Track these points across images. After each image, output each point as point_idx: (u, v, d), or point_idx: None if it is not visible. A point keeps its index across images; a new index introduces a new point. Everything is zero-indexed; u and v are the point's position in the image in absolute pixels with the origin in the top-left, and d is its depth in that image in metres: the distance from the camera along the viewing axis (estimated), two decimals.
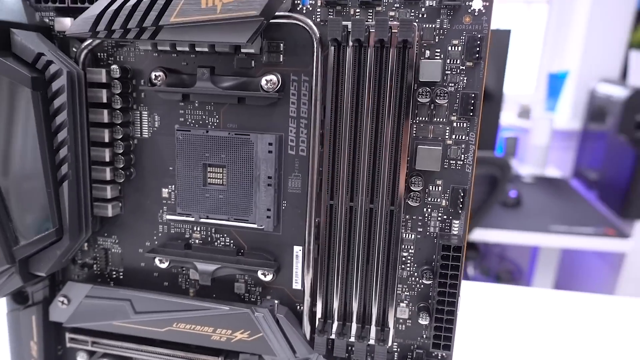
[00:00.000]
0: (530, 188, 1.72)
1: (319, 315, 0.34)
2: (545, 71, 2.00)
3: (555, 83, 1.95)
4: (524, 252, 1.93)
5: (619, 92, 1.59)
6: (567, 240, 1.43)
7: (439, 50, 0.30)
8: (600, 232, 1.45)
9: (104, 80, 0.34)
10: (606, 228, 1.46)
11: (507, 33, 1.62)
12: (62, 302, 0.37)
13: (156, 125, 0.35)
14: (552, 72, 1.95)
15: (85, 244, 0.38)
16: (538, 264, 1.71)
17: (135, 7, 0.29)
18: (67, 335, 0.38)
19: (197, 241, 0.36)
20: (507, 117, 1.93)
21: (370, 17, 0.31)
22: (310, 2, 0.31)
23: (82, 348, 0.38)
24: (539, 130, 1.86)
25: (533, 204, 1.60)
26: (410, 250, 0.33)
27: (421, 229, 0.32)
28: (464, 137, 0.31)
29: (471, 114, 0.30)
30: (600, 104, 1.71)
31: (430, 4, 0.30)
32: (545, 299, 0.63)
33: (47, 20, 0.35)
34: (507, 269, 1.91)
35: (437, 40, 0.30)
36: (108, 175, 0.35)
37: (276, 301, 0.35)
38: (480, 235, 1.45)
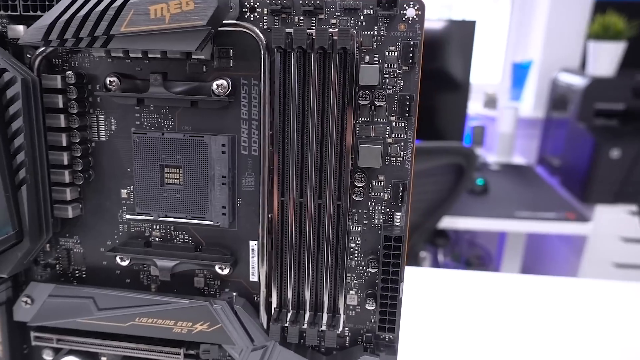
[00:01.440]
0: (497, 175, 1.77)
1: (274, 304, 0.36)
2: (510, 61, 2.05)
3: (520, 73, 2.00)
4: (492, 238, 2.00)
5: (579, 81, 1.66)
6: (531, 225, 1.49)
7: (377, 55, 0.32)
8: (563, 216, 1.51)
9: (59, 86, 0.35)
10: (568, 212, 1.53)
11: (472, 24, 1.66)
12: (26, 302, 0.38)
13: (113, 129, 0.36)
14: (517, 62, 2.00)
15: (48, 245, 0.39)
16: (506, 248, 1.77)
17: (86, 17, 0.30)
18: (32, 334, 0.39)
19: (156, 239, 0.38)
20: (474, 107, 1.98)
21: (314, 24, 0.33)
22: (258, 9, 0.33)
23: (47, 346, 0.40)
24: (504, 119, 1.92)
25: (500, 191, 1.66)
26: (357, 242, 0.35)
27: (366, 222, 0.35)
28: (402, 136, 0.33)
29: (408, 114, 0.33)
30: (562, 93, 1.78)
31: (368, 13, 0.32)
32: (511, 284, 0.67)
33: None
34: (476, 254, 1.97)
35: (375, 46, 0.32)
36: (67, 178, 0.36)
37: (234, 293, 0.37)
38: (450, 222, 1.50)
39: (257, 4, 0.33)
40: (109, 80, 0.35)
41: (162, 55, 0.33)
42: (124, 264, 0.37)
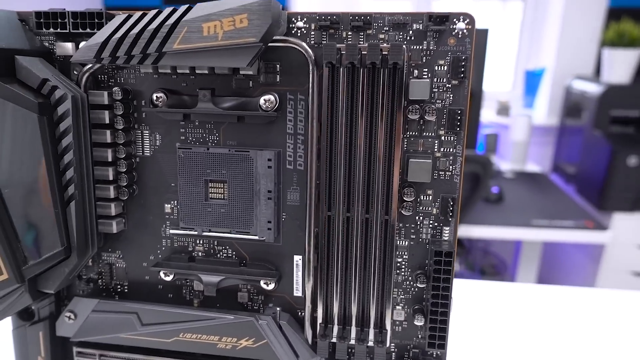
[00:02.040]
0: (512, 183, 1.76)
1: (319, 320, 0.36)
2: (522, 69, 2.05)
3: (532, 80, 2.00)
4: (507, 247, 1.98)
5: (594, 89, 1.65)
6: (548, 233, 1.48)
7: (426, 70, 0.32)
8: (580, 224, 1.49)
9: (106, 102, 0.35)
10: (585, 221, 1.51)
11: (484, 32, 1.66)
12: (69, 317, 0.38)
13: (157, 144, 0.37)
14: (529, 69, 2.00)
15: (90, 260, 0.39)
16: (521, 257, 1.75)
17: (139, 35, 0.30)
18: (75, 349, 0.39)
19: (200, 254, 0.38)
20: (487, 115, 1.97)
21: (362, 39, 0.33)
22: (304, 25, 0.33)
23: None
24: (518, 126, 1.91)
25: (514, 199, 1.64)
26: (404, 256, 0.35)
27: (414, 236, 0.35)
28: (451, 150, 0.33)
29: (458, 128, 0.32)
30: (576, 100, 1.77)
31: (417, 27, 0.32)
32: (529, 294, 0.66)
33: (47, 44, 0.36)
34: (491, 263, 1.95)
35: (424, 61, 0.32)
36: (112, 193, 0.36)
37: (278, 308, 0.37)
38: (464, 231, 1.49)
39: (305, 19, 0.33)
40: (156, 96, 0.35)
41: (209, 71, 0.33)
42: (168, 279, 0.37)
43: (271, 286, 0.36)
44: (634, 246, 1.61)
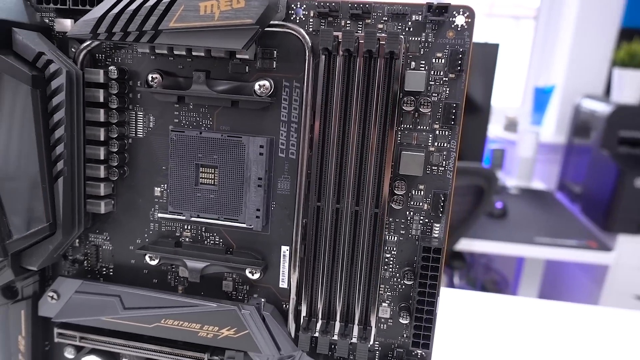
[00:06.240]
0: (516, 200, 1.75)
1: (303, 313, 0.35)
2: (531, 85, 2.04)
3: (542, 97, 1.99)
4: (509, 263, 1.96)
5: (603, 108, 1.63)
6: (551, 251, 1.46)
7: (423, 62, 0.32)
8: (584, 244, 1.47)
9: (101, 80, 0.35)
10: (589, 241, 1.49)
11: (495, 47, 1.66)
12: (52, 297, 0.38)
13: (151, 126, 0.36)
14: (539, 86, 1.99)
15: (77, 240, 0.39)
16: (523, 274, 1.73)
17: (136, 11, 0.30)
18: (56, 330, 0.38)
19: (187, 239, 0.37)
20: (495, 130, 1.96)
21: (360, 28, 0.32)
22: (304, 12, 0.33)
23: (70, 343, 0.39)
24: (525, 143, 1.90)
25: (519, 215, 1.63)
26: (392, 252, 0.34)
27: (404, 232, 0.34)
28: (445, 145, 0.32)
29: (453, 122, 0.32)
30: (585, 119, 1.75)
31: (417, 19, 0.31)
32: (530, 308, 0.65)
33: (47, 20, 0.36)
34: (492, 279, 1.93)
35: (422, 53, 0.32)
36: (102, 173, 0.36)
37: (263, 299, 0.37)
38: (466, 245, 1.47)
39: (304, 6, 0.33)
40: (151, 77, 0.35)
41: (206, 54, 0.33)
42: (153, 263, 0.37)
43: (256, 276, 0.35)
44: (638, 269, 1.59)
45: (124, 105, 0.36)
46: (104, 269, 0.39)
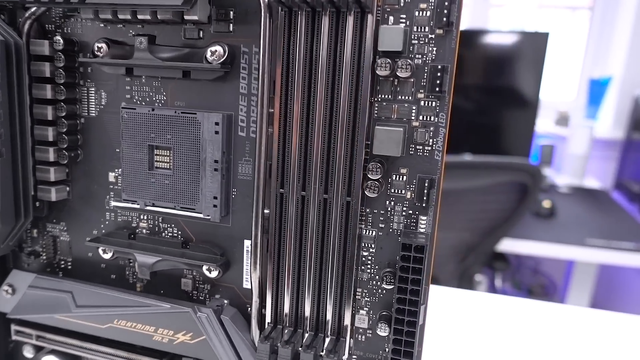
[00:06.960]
0: (567, 199, 1.61)
1: (268, 319, 0.30)
2: (586, 77, 1.89)
3: (597, 89, 1.83)
4: (558, 267, 1.82)
5: None
6: (605, 255, 1.33)
7: (404, 16, 0.26)
8: None
9: (46, 52, 0.31)
10: None
11: (544, 36, 1.54)
12: (7, 292, 0.35)
13: (103, 103, 0.32)
14: (594, 78, 1.83)
15: (35, 231, 0.36)
16: (573, 279, 1.60)
17: None
18: (13, 327, 0.35)
19: (144, 231, 0.33)
20: (544, 124, 1.83)
21: None
22: None
23: (28, 342, 0.36)
24: (577, 138, 1.75)
25: (569, 215, 1.50)
26: (371, 250, 0.29)
27: (383, 225, 0.28)
28: (432, 119, 0.26)
29: (441, 91, 0.26)
30: None
31: None
32: (579, 317, 0.57)
33: None
34: (540, 283, 1.81)
35: (402, 5, 0.26)
36: (52, 156, 0.32)
37: (225, 301, 0.32)
38: (510, 245, 1.37)
39: None
40: (97, 47, 0.31)
41: (152, 17, 0.29)
42: (107, 256, 0.33)
43: (214, 274, 0.31)
44: None
45: (74, 80, 0.32)
46: (62, 262, 0.36)
